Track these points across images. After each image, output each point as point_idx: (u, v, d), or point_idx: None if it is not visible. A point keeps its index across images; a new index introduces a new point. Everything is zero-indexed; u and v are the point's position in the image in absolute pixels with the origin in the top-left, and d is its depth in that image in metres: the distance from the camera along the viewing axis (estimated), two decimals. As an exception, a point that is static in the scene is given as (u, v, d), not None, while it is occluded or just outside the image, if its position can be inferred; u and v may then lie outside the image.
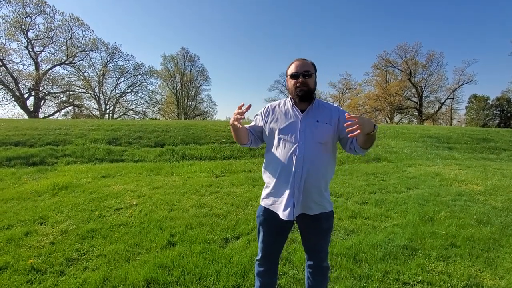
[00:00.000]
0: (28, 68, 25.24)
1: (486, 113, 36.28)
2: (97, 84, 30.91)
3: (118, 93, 32.84)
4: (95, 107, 31.28)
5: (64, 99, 28.54)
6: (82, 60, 28.90)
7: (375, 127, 1.30)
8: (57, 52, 26.95)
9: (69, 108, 30.02)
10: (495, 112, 36.15)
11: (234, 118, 1.39)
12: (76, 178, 5.18)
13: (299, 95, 1.48)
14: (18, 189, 4.45)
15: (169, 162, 7.06)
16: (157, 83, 37.51)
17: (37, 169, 5.85)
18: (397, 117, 37.41)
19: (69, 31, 26.99)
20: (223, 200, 4.14)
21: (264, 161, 1.63)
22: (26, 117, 23.90)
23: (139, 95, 33.72)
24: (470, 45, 54.35)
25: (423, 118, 34.32)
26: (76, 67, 28.72)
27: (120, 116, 32.53)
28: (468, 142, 11.63)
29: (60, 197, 4.11)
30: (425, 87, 35.06)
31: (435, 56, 33.90)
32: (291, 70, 1.51)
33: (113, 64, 32.05)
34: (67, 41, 26.97)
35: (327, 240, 1.60)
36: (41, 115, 25.80)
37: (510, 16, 47.82)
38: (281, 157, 1.47)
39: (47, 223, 3.20)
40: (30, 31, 24.78)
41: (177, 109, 38.70)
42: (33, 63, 25.56)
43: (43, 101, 26.53)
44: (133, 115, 33.27)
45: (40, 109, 26.15)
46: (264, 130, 1.60)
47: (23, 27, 24.12)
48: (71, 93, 29.03)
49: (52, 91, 26.90)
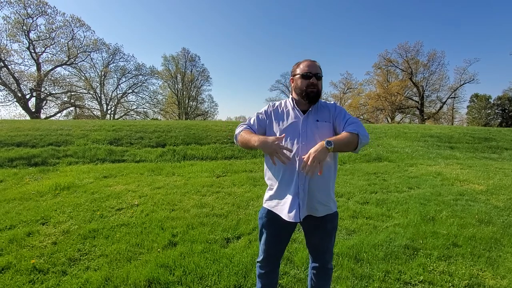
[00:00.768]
0: (29, 69, 25.37)
1: (487, 112, 36.17)
2: (98, 84, 31.04)
3: (119, 94, 32.97)
4: (96, 107, 31.40)
5: (65, 99, 28.61)
6: (83, 60, 29.02)
7: (328, 144, 1.28)
8: (59, 53, 27.05)
9: (71, 108, 30.09)
10: (496, 111, 36.03)
11: (280, 156, 1.33)
12: (77, 178, 5.20)
13: (309, 96, 1.46)
14: (20, 190, 4.47)
15: (170, 162, 7.07)
16: (158, 84, 37.67)
17: (39, 170, 5.87)
18: (398, 117, 37.36)
19: (71, 32, 27.09)
20: (224, 200, 4.14)
21: (265, 162, 1.60)
22: (27, 117, 23.96)
23: (140, 95, 33.85)
24: (471, 44, 54.33)
25: (425, 117, 34.22)
26: (77, 67, 28.82)
27: (121, 116, 32.62)
28: (469, 141, 11.59)
29: (62, 197, 4.13)
30: (426, 86, 34.95)
31: (436, 55, 33.81)
32: (303, 69, 1.48)
33: (114, 64, 32.20)
34: (68, 42, 27.06)
35: (332, 240, 1.59)
36: (42, 116, 25.87)
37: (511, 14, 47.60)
38: None
39: (49, 223, 3.21)
40: (31, 32, 24.85)
41: (178, 110, 38.76)
42: (35, 64, 25.62)
43: (44, 102, 26.61)
44: (134, 116, 33.35)
45: (41, 110, 26.22)
46: (266, 129, 1.57)
47: (25, 28, 24.16)
48: (72, 93, 29.10)
49: (53, 92, 26.98)
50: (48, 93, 26.46)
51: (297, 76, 1.50)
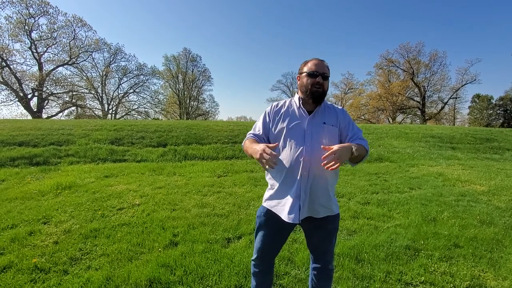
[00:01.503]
0: (31, 68, 25.47)
1: (489, 113, 36.04)
2: (99, 84, 31.10)
3: (120, 93, 33.01)
4: (98, 107, 31.46)
5: (67, 99, 28.71)
6: (85, 60, 29.10)
7: (353, 150, 1.30)
8: (60, 52, 27.12)
9: (72, 108, 30.19)
10: (498, 111, 35.88)
11: (267, 162, 1.21)
12: (79, 178, 5.22)
13: (314, 95, 1.44)
14: (22, 189, 4.48)
15: (172, 162, 7.08)
16: (160, 84, 37.65)
17: (41, 169, 5.89)
18: (399, 117, 37.28)
19: (72, 32, 27.18)
20: (225, 200, 4.15)
21: None
22: (29, 117, 24.06)
23: (142, 95, 33.88)
24: (473, 44, 54.17)
25: (426, 118, 34.13)
26: (79, 67, 28.89)
27: (122, 116, 32.68)
28: (471, 142, 11.55)
29: (63, 196, 4.14)
30: (427, 86, 34.86)
31: (438, 55, 33.70)
32: (310, 68, 1.46)
33: (116, 64, 32.25)
34: (70, 41, 27.14)
35: (333, 241, 1.58)
36: (44, 116, 25.95)
37: (514, 15, 47.43)
38: (287, 158, 1.42)
39: (50, 222, 3.22)
40: (33, 32, 24.94)
41: (179, 109, 38.79)
42: (37, 63, 25.74)
43: (46, 102, 26.69)
44: (135, 115, 33.42)
45: (43, 110, 26.31)
46: (271, 129, 1.54)
47: (27, 28, 24.25)
48: (74, 93, 29.18)
49: (55, 92, 27.06)
50: (49, 93, 26.54)
51: (304, 74, 1.48)
